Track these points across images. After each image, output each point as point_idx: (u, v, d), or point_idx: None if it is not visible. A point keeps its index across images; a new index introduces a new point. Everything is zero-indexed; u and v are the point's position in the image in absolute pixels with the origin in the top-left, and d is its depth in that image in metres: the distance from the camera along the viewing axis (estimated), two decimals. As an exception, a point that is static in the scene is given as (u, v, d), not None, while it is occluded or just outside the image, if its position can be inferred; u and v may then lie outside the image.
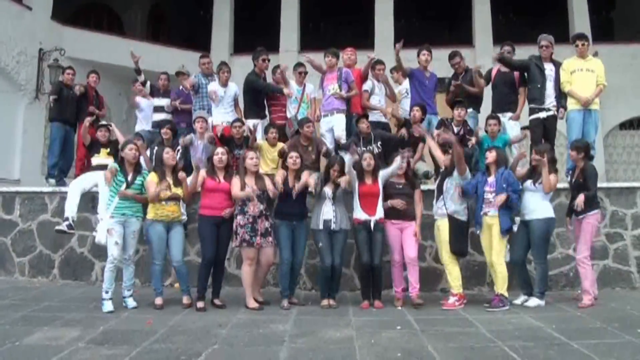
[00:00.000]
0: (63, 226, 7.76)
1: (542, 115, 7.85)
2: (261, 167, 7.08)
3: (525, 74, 8.13)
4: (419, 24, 16.95)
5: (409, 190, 6.73)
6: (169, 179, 6.56)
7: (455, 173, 6.66)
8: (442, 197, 6.63)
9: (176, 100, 9.17)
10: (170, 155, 6.62)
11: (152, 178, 6.49)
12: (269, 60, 8.84)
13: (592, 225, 6.56)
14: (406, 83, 8.83)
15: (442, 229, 6.60)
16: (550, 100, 7.87)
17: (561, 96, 7.94)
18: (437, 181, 6.76)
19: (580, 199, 6.36)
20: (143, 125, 9.62)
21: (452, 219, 6.58)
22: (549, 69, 7.89)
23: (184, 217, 7.12)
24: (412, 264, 6.54)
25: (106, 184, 6.68)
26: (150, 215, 6.53)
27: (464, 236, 6.64)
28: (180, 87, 9.24)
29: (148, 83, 9.62)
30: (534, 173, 6.62)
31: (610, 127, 15.32)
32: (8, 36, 12.56)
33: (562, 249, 7.57)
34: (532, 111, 7.99)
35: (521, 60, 8.19)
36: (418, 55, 8.60)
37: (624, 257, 7.74)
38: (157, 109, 9.51)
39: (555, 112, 7.93)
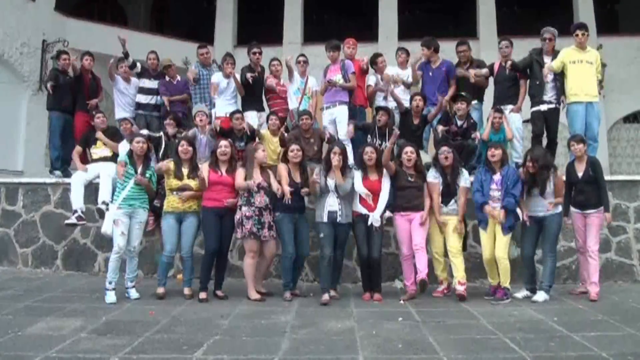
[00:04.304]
0: (72, 219, 7.79)
1: (543, 107, 7.85)
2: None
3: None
4: (423, 17, 16.91)
5: (420, 183, 6.64)
6: (185, 170, 6.61)
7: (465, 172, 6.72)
8: (454, 199, 6.60)
9: (165, 95, 9.05)
10: (184, 149, 6.64)
11: (169, 165, 6.59)
12: (260, 53, 8.85)
13: (600, 219, 6.59)
14: (409, 71, 8.76)
15: (453, 223, 6.58)
16: (551, 93, 7.85)
17: (562, 90, 7.93)
18: (443, 181, 6.63)
19: (609, 217, 6.58)
20: (122, 112, 9.24)
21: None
22: (549, 61, 7.86)
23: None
24: (420, 249, 6.45)
25: (118, 179, 6.65)
26: (164, 208, 6.63)
27: None
28: (167, 79, 9.19)
29: (138, 65, 9.39)
30: (536, 178, 6.47)
31: (614, 120, 15.26)
32: (11, 28, 12.56)
33: (565, 242, 7.56)
34: (533, 104, 7.99)
35: (524, 61, 8.18)
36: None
37: (627, 250, 7.74)
38: (143, 90, 9.29)
39: (557, 105, 7.91)
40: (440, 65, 8.51)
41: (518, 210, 6.55)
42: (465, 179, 6.68)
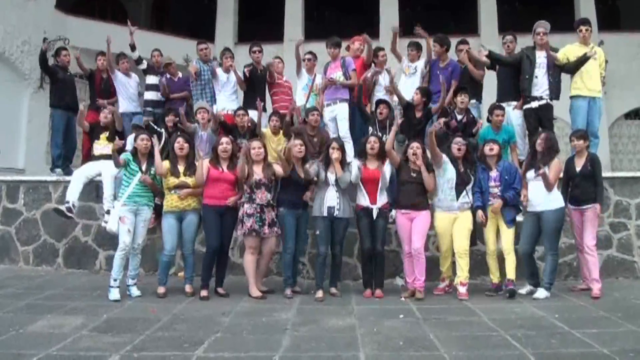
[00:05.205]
0: (62, 207, 7.75)
1: (534, 104, 7.86)
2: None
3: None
4: (424, 13, 16.87)
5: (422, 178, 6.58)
6: (181, 168, 6.60)
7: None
8: (465, 191, 6.55)
9: (166, 90, 9.13)
10: (179, 145, 6.64)
11: (165, 164, 6.58)
12: (260, 52, 8.88)
13: (597, 214, 6.58)
14: (421, 63, 8.73)
15: (463, 220, 6.54)
16: (543, 89, 7.85)
17: (558, 84, 7.92)
18: (456, 174, 6.58)
19: (599, 208, 6.49)
20: (125, 105, 9.31)
21: (472, 212, 6.63)
22: (542, 56, 7.86)
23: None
24: (418, 255, 6.43)
25: (124, 175, 6.64)
26: (164, 207, 6.63)
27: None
28: (168, 76, 9.21)
29: (144, 61, 9.50)
30: (533, 161, 6.57)
31: (616, 117, 15.27)
32: (12, 26, 12.55)
33: (566, 239, 7.51)
34: (524, 101, 7.99)
35: (513, 56, 8.16)
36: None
37: (628, 247, 7.72)
38: (150, 87, 9.39)
39: (549, 101, 7.89)
40: (447, 65, 8.48)
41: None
42: None
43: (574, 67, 7.87)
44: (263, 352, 4.41)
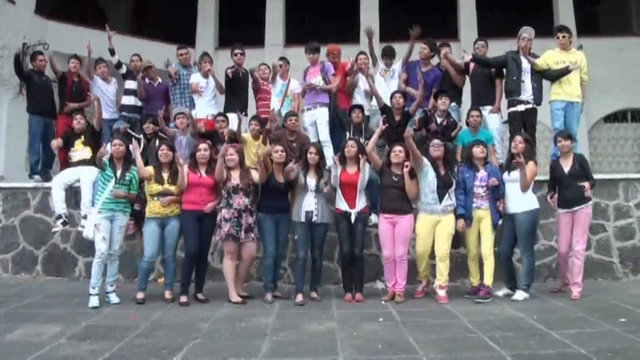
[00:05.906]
0: (58, 225, 7.72)
1: (521, 108, 7.90)
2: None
3: (504, 69, 8.15)
4: (404, 18, 16.91)
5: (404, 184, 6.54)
6: (165, 175, 6.56)
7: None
8: (448, 193, 6.52)
9: (142, 92, 8.99)
10: (163, 153, 6.59)
11: (149, 169, 6.54)
12: (242, 54, 8.85)
13: (588, 216, 6.65)
14: (397, 65, 8.78)
15: (445, 224, 6.51)
16: (528, 94, 7.90)
17: (540, 90, 7.99)
18: (437, 177, 6.53)
19: (588, 185, 6.45)
20: (103, 112, 8.83)
21: (455, 215, 6.61)
22: (526, 61, 7.91)
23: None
24: (400, 261, 6.46)
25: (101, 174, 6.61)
26: (146, 213, 6.58)
27: None
28: (148, 80, 9.05)
29: (124, 65, 9.35)
30: (510, 163, 6.63)
31: (595, 120, 15.42)
32: (-9, 31, 12.43)
33: (545, 241, 7.62)
34: (510, 104, 8.03)
35: (496, 57, 8.20)
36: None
37: (607, 248, 7.81)
38: (128, 92, 9.25)
39: (534, 105, 7.96)
40: (429, 71, 8.51)
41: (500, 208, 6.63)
42: None
43: (554, 77, 7.94)
44: (242, 358, 4.41)
